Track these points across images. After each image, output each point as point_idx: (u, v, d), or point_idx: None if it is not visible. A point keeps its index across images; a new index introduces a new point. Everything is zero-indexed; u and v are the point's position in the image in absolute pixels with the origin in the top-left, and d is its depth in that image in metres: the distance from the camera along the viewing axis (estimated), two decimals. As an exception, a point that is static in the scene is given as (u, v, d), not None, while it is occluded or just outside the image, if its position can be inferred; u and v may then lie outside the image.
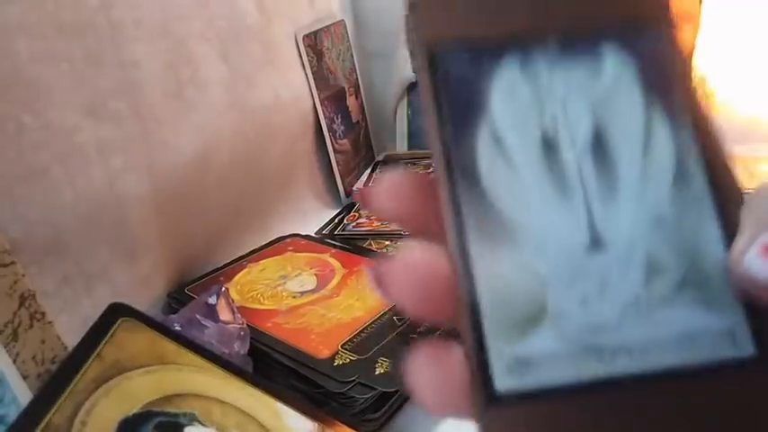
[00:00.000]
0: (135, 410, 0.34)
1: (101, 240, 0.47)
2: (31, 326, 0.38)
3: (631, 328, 0.17)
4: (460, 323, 0.17)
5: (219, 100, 0.61)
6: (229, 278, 0.57)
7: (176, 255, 0.56)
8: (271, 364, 0.45)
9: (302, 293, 0.54)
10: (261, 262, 0.61)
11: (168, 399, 0.35)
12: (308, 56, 0.79)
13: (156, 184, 0.52)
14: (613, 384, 0.17)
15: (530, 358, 0.17)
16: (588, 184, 0.18)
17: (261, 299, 0.54)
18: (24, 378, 0.37)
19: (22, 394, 0.36)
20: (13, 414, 0.34)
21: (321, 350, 0.45)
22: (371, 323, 0.47)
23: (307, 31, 0.80)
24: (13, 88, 0.41)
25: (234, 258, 0.61)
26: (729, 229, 0.17)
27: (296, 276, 0.57)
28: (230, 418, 0.36)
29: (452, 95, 0.19)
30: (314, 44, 0.81)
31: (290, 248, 0.63)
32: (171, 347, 0.38)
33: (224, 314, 0.43)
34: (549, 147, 0.18)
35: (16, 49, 0.41)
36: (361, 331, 0.46)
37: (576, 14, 0.19)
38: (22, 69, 0.41)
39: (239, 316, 0.45)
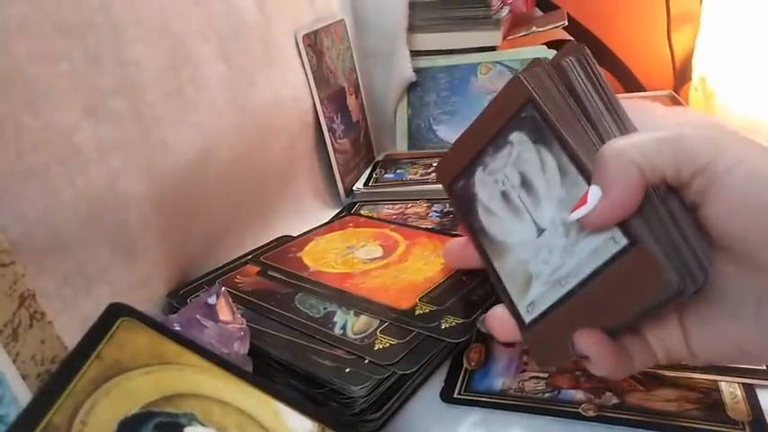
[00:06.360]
0: (135, 411, 0.34)
1: (101, 240, 0.47)
2: (31, 326, 0.38)
3: (569, 262, 0.34)
4: (501, 297, 0.40)
5: (219, 99, 0.61)
6: (300, 248, 0.61)
7: (176, 254, 0.56)
8: (271, 364, 0.45)
9: (371, 260, 0.57)
10: (326, 235, 0.64)
11: (168, 399, 0.35)
12: (307, 55, 0.79)
13: (156, 183, 0.52)
14: (570, 294, 0.34)
15: (533, 301, 0.37)
16: (527, 204, 0.37)
17: (334, 264, 0.57)
18: (24, 378, 0.37)
19: (22, 394, 0.36)
20: (12, 414, 0.34)
21: (401, 303, 0.49)
22: (442, 282, 0.52)
23: (307, 31, 0.80)
24: (13, 88, 0.40)
25: (234, 258, 0.61)
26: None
27: (362, 247, 0.60)
28: (230, 419, 0.36)
29: (463, 199, 0.42)
30: (314, 44, 0.81)
31: (351, 225, 0.67)
32: (171, 347, 0.38)
33: (224, 314, 0.43)
34: (506, 197, 0.39)
35: (15, 49, 0.41)
36: (434, 288, 0.51)
37: (488, 129, 0.39)
38: (22, 69, 0.41)
39: (239, 316, 0.45)
